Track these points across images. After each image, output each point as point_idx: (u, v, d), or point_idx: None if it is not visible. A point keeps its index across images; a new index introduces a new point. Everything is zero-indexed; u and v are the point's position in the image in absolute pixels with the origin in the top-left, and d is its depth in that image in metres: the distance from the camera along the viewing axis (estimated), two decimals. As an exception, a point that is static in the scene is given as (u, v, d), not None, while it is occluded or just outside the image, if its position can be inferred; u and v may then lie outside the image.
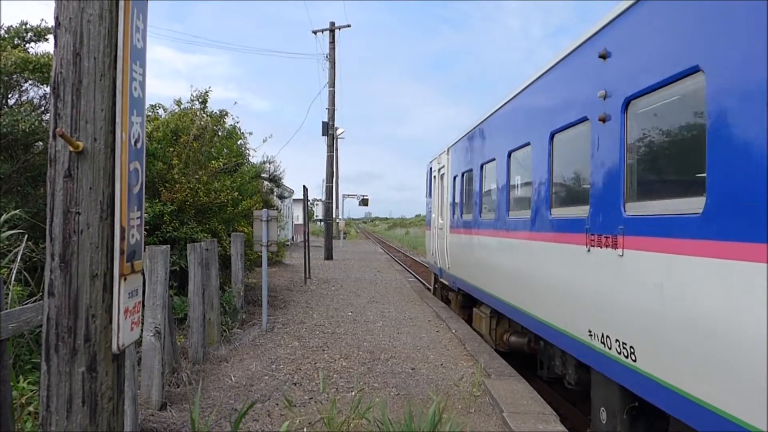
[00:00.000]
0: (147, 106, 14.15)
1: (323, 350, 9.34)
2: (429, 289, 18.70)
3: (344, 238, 51.34)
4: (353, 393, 7.07)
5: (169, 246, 7.18)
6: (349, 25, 30.33)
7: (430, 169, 17.37)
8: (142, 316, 6.64)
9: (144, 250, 6.89)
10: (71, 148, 2.61)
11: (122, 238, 2.64)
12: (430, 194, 17.63)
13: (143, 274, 6.72)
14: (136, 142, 2.86)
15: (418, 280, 22.12)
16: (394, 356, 9.00)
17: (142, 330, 6.64)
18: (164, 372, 6.68)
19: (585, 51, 6.00)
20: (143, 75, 3.01)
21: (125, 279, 2.65)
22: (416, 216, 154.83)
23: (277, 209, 21.58)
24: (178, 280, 10.97)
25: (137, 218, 2.86)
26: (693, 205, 4.09)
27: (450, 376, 7.93)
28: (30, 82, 9.74)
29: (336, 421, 5.53)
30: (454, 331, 11.01)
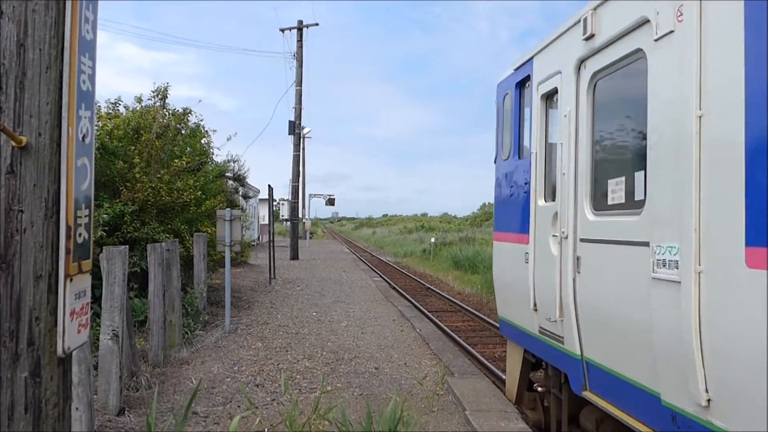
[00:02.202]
0: (108, 103, 13.83)
1: (287, 351, 9.24)
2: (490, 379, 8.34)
3: (310, 238, 51.08)
4: (316, 394, 7.00)
5: (127, 247, 7.02)
6: (317, 24, 30.26)
7: (517, 86, 6.69)
8: (101, 319, 6.50)
9: (101, 251, 6.73)
10: (14, 143, 2.49)
11: (68, 237, 2.54)
12: (516, 152, 6.75)
13: (101, 275, 6.57)
14: (84, 137, 2.75)
15: (384, 279, 22.11)
16: (357, 356, 8.96)
17: (99, 333, 6.47)
18: (122, 376, 6.52)
19: None
20: (93, 68, 2.90)
21: (71, 279, 2.55)
22: (383, 216, 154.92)
23: (241, 209, 21.39)
24: (139, 281, 10.75)
25: (86, 216, 2.75)
26: None
27: (413, 375, 7.91)
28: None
29: (298, 423, 5.46)
30: (418, 330, 11.01)
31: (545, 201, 5.80)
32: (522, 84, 6.57)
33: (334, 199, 52.16)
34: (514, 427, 6.01)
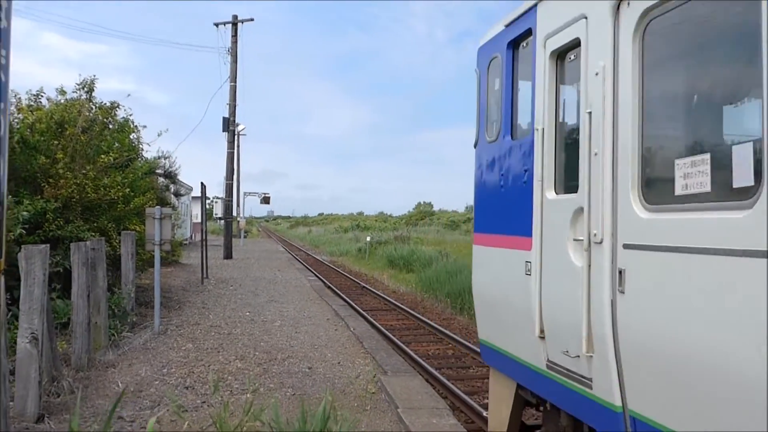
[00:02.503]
0: (29, 94, 13.20)
1: (218, 352, 9.07)
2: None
3: (245, 236, 50.33)
4: (248, 395, 6.91)
5: (48, 245, 6.73)
6: (252, 19, 29.78)
7: (510, 45, 5.26)
8: (19, 321, 6.20)
9: (20, 250, 6.42)
10: None
11: (-22, 236, 2.42)
12: (507, 131, 5.31)
13: (19, 275, 6.27)
14: (-4, 131, 2.62)
15: (319, 278, 22.02)
16: (291, 356, 8.89)
17: (17, 336, 6.18)
18: (42, 381, 6.24)
19: None
20: (7, 57, 2.78)
21: (-19, 280, 2.42)
22: (319, 214, 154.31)
23: (172, 207, 20.85)
24: (62, 281, 10.32)
25: (-2, 214, 2.63)
26: None
27: (347, 374, 7.92)
28: None
29: (228, 424, 5.37)
30: (352, 329, 11.02)
31: (557, 193, 4.46)
32: (517, 43, 5.18)
33: (269, 198, 51.53)
34: (446, 424, 6.09)
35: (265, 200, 51.79)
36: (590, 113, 3.86)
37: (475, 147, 6.00)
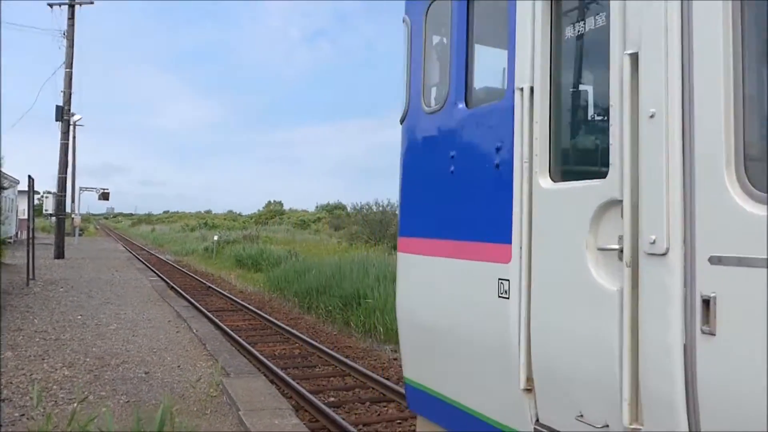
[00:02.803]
0: None
1: (43, 359, 8.36)
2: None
3: (80, 235, 46.86)
4: (75, 404, 6.43)
5: None
6: (91, 2, 27.79)
7: None
8: None
9: None
10: None
11: None
12: (459, 96, 3.88)
13: None
14: None
15: (161, 278, 21.06)
16: (126, 361, 8.41)
17: None
18: None
19: None
20: None
21: None
22: (164, 212, 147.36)
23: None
24: None
25: None
26: None
27: (187, 377, 7.64)
28: None
29: (51, 438, 4.97)
30: (195, 330, 10.66)
31: (554, 180, 3.17)
32: None
33: (108, 194, 48.20)
34: (288, 424, 6.07)
35: (104, 196, 48.42)
36: (635, 54, 2.59)
37: (401, 122, 4.61)
